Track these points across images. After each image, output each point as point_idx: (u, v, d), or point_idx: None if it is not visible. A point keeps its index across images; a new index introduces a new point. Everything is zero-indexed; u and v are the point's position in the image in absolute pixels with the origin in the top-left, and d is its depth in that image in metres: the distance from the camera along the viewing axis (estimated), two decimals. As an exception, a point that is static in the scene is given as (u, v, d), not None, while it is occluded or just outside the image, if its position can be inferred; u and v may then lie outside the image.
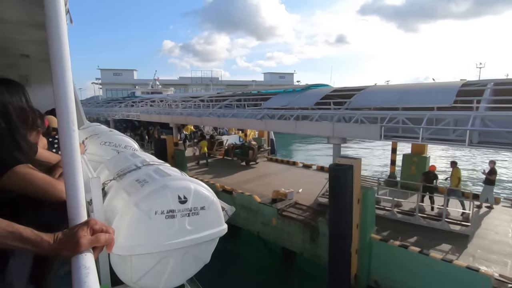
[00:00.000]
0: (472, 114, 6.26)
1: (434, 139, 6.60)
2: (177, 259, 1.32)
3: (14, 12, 1.65)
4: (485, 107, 6.50)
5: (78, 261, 0.71)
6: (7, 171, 1.01)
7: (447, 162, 20.95)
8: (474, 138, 5.86)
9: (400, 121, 7.01)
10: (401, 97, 8.47)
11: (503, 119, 5.70)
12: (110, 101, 36.88)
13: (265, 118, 10.77)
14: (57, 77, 0.81)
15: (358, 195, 6.90)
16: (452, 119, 6.63)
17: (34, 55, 2.97)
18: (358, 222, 6.97)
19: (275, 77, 73.31)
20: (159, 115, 18.62)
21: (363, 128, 7.64)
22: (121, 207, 1.25)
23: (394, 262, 6.76)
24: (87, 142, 2.72)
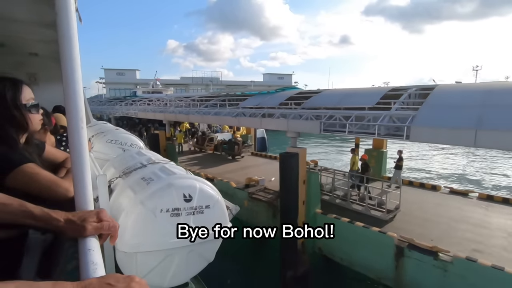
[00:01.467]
0: (384, 113, 7.79)
1: (358, 132, 8.06)
2: (182, 257, 1.38)
3: (24, 11, 1.75)
4: (396, 107, 8.06)
5: (85, 245, 0.78)
6: (13, 170, 1.08)
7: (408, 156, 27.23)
8: (381, 131, 7.43)
9: (337, 118, 8.35)
10: (342, 98, 10.37)
11: (404, 117, 7.17)
12: (112, 100, 39.42)
13: (239, 116, 12.45)
14: (67, 75, 0.85)
15: (304, 177, 8.59)
16: (372, 117, 8.03)
17: (43, 54, 3.01)
18: (304, 199, 8.69)
19: (274, 78, 76.00)
20: (154, 112, 20.87)
21: (308, 124, 9.10)
22: (127, 204, 1.32)
23: (336, 233, 8.13)
24: (93, 140, 2.75)
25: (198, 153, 21.07)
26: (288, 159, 8.80)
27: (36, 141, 1.42)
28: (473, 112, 6.51)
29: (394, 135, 7.69)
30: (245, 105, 14.10)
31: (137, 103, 26.87)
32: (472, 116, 6.38)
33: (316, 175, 9.64)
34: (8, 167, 1.07)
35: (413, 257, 6.84)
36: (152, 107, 22.91)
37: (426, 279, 6.67)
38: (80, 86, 0.90)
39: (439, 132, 6.50)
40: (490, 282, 5.76)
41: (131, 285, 0.62)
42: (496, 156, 29.00)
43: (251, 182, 11.76)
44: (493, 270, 5.93)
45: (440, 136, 6.57)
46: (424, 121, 7.00)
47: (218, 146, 20.02)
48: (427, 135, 6.79)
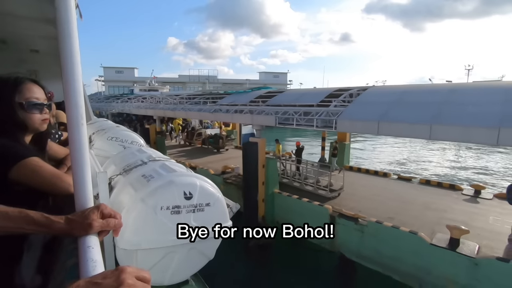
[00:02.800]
0: (323, 109, 9.54)
1: (304, 124, 9.69)
2: (182, 255, 1.36)
3: (25, 8, 1.71)
4: (335, 104, 9.92)
5: (85, 242, 0.79)
6: (17, 164, 1.07)
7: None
8: (319, 124, 9.16)
9: (290, 113, 10.07)
10: (298, 97, 12.48)
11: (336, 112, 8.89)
12: (109, 98, 40.49)
13: (216, 112, 14.35)
14: (66, 72, 0.85)
15: (263, 162, 10.24)
16: (315, 112, 9.63)
17: (44, 50, 2.97)
18: (264, 180, 10.26)
19: (269, 76, 72.84)
20: (145, 109, 22.84)
21: (267, 118, 10.90)
22: (127, 202, 1.30)
23: (288, 208, 10.08)
24: (94, 137, 2.73)
25: (187, 146, 22.66)
26: (250, 147, 10.64)
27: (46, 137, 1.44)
28: (382, 108, 8.27)
29: (327, 126, 9.29)
30: (223, 102, 15.99)
31: (132, 100, 28.32)
32: (380, 111, 8.13)
33: (274, 161, 11.12)
34: (12, 160, 1.06)
35: (341, 223, 8.44)
36: (144, 104, 24.57)
37: (350, 238, 8.27)
38: (80, 83, 0.90)
39: (354, 124, 8.37)
40: (391, 237, 7.35)
41: (120, 277, 0.58)
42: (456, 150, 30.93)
43: (227, 170, 13.44)
44: (392, 229, 7.66)
45: (355, 127, 8.49)
46: (347, 115, 8.76)
47: (205, 140, 21.64)
48: (347, 126, 8.78)
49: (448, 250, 6.71)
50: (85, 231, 0.83)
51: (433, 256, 6.96)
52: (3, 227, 0.79)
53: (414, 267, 7.28)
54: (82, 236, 0.83)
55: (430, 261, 7.01)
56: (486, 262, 6.25)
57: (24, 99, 1.18)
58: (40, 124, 1.27)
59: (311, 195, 10.77)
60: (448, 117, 7.10)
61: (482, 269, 6.28)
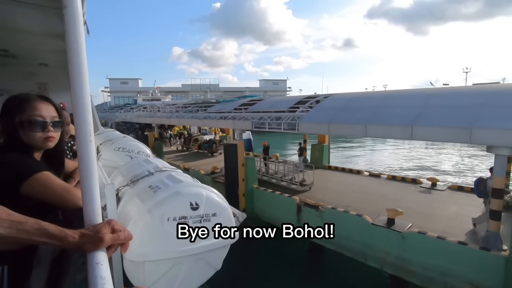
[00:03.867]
0: (290, 114, 10.78)
1: (275, 127, 11.02)
2: (189, 266, 1.35)
3: (35, 24, 1.71)
4: (301, 110, 11.22)
5: (94, 258, 0.81)
6: (28, 178, 1.09)
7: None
8: (285, 127, 10.41)
9: (265, 118, 11.46)
10: (273, 104, 14.01)
11: (300, 116, 10.23)
12: (114, 108, 42.11)
13: (205, 118, 15.97)
14: (75, 89, 0.87)
15: (242, 161, 11.36)
16: (284, 116, 10.90)
17: (52, 64, 2.98)
18: (243, 177, 11.35)
19: (269, 84, 72.19)
20: (145, 117, 24.64)
21: (245, 123, 12.21)
22: (135, 213, 1.30)
23: (264, 201, 11.17)
24: (101, 147, 2.70)
25: (185, 151, 23.85)
26: (230, 148, 11.92)
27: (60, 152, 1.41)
28: (333, 112, 9.67)
29: (292, 128, 10.51)
30: (211, 110, 17.33)
31: (134, 110, 30.20)
32: (331, 115, 9.47)
33: (252, 160, 12.22)
34: (24, 175, 1.08)
35: (306, 211, 9.39)
36: (144, 113, 26.27)
37: (312, 223, 9.30)
38: (88, 100, 0.91)
39: (311, 126, 9.77)
40: (342, 220, 8.38)
41: None
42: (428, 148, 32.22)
43: (215, 170, 14.81)
44: (343, 213, 8.61)
45: (312, 128, 9.87)
46: (307, 119, 10.05)
47: (201, 145, 23.13)
48: (306, 128, 10.02)
49: (385, 228, 7.67)
50: (96, 245, 0.85)
51: (373, 233, 7.89)
52: (17, 237, 0.78)
53: (360, 244, 8.19)
54: (92, 251, 0.84)
55: (371, 238, 7.93)
56: (410, 235, 7.18)
57: (27, 117, 1.16)
58: (43, 142, 1.23)
59: (286, 189, 11.76)
60: (380, 118, 8.37)
61: (407, 241, 7.21)
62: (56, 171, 1.31)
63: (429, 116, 7.26)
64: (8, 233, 0.78)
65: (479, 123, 6.20)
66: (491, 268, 6.07)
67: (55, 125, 1.28)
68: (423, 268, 7.12)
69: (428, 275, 7.07)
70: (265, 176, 13.65)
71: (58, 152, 1.38)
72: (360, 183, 12.80)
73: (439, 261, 6.87)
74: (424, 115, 7.33)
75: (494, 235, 6.42)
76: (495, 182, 6.33)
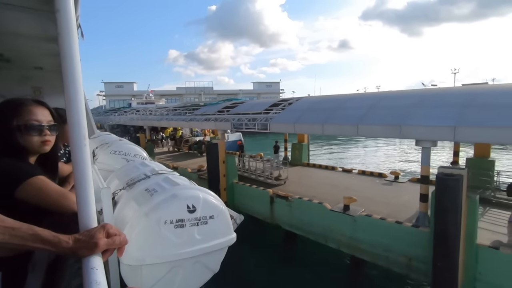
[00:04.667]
0: (264, 116, 11.61)
1: (251, 128, 11.99)
2: (187, 269, 1.32)
3: (28, 27, 1.65)
4: (274, 111, 12.14)
5: (89, 263, 0.79)
6: (23, 183, 1.06)
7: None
8: (259, 127, 11.35)
9: (243, 119, 12.38)
10: (251, 107, 14.68)
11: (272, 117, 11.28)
12: (108, 111, 41.76)
13: (191, 120, 16.96)
14: (69, 94, 0.85)
15: (223, 158, 11.99)
16: (259, 118, 11.77)
17: (47, 67, 2.89)
18: (224, 173, 11.99)
19: (262, 86, 70.86)
20: (137, 120, 25.46)
21: (225, 124, 13.20)
22: (131, 217, 1.27)
23: (243, 194, 11.95)
24: (97, 151, 2.61)
25: (176, 152, 24.33)
26: (212, 147, 12.65)
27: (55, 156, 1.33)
28: (299, 113, 10.77)
29: (265, 128, 11.36)
30: (197, 112, 17.97)
31: (127, 113, 30.61)
32: (297, 115, 10.59)
33: (232, 157, 12.93)
34: (18, 179, 1.05)
35: (277, 202, 9.97)
36: (137, 116, 26.85)
37: (283, 212, 10.00)
38: (82, 103, 0.88)
39: (279, 126, 10.83)
40: (307, 208, 9.18)
41: None
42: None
43: (201, 168, 15.39)
44: (307, 202, 9.21)
45: (280, 128, 10.93)
46: (277, 120, 11.08)
47: (191, 146, 23.75)
48: (276, 128, 10.96)
49: (341, 213, 8.39)
50: (91, 250, 0.82)
51: (332, 218, 8.60)
52: (10, 243, 0.76)
53: (321, 228, 8.84)
54: (87, 256, 0.81)
55: (330, 222, 8.63)
56: (360, 218, 7.84)
57: (23, 121, 1.14)
58: (40, 146, 1.20)
59: (263, 184, 12.49)
60: (335, 118, 9.39)
61: (358, 223, 7.89)
62: (51, 175, 1.25)
63: (372, 115, 8.12)
64: (1, 239, 0.74)
65: (408, 121, 7.36)
66: (419, 242, 6.80)
67: (51, 128, 1.23)
68: (370, 245, 7.78)
69: (374, 252, 7.67)
70: (246, 173, 14.17)
71: (53, 156, 1.32)
72: (331, 178, 13.06)
73: (382, 239, 7.45)
74: (369, 115, 8.27)
75: (423, 215, 7.55)
76: (422, 170, 7.50)
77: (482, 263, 6.26)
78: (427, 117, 6.98)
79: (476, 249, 6.25)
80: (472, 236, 6.19)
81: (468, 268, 6.26)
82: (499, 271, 6.03)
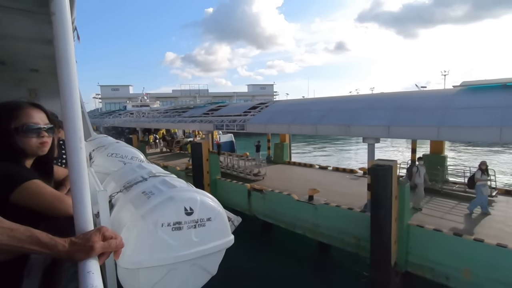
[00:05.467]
0: (242, 118, 12.38)
1: (231, 128, 13.00)
2: (185, 272, 1.31)
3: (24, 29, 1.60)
4: (252, 114, 12.89)
5: (85, 267, 0.78)
6: (18, 187, 1.04)
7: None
8: (237, 127, 12.30)
9: (224, 121, 13.28)
10: (233, 109, 15.15)
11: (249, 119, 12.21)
12: (103, 114, 40.91)
13: (180, 122, 17.69)
14: (64, 96, 0.84)
15: (206, 156, 12.54)
16: (238, 119, 12.73)
17: (43, 70, 2.81)
18: (208, 170, 12.63)
19: (256, 88, 68.81)
20: (130, 122, 25.26)
21: (208, 125, 14.06)
22: (128, 219, 1.25)
23: (224, 189, 12.72)
24: (94, 153, 2.52)
25: (168, 152, 24.53)
26: (196, 146, 13.21)
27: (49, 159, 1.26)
28: (271, 115, 11.81)
29: (242, 129, 12.21)
30: (185, 115, 18.36)
31: (122, 115, 30.54)
32: (269, 117, 11.71)
33: (215, 156, 13.32)
34: (13, 183, 1.02)
35: (254, 195, 10.44)
36: (130, 118, 27.14)
37: (258, 204, 10.64)
38: (78, 106, 0.85)
39: (254, 126, 11.67)
40: (278, 199, 9.98)
41: None
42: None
43: (189, 166, 15.61)
44: (278, 193, 9.74)
45: (255, 128, 11.71)
46: (252, 121, 11.85)
47: (182, 147, 24.08)
48: (251, 128, 11.72)
49: (305, 202, 8.97)
50: (86, 253, 0.79)
51: (298, 207, 9.22)
52: (8, 244, 0.73)
53: (290, 217, 9.40)
54: (83, 260, 0.78)
55: (297, 211, 9.22)
56: (320, 206, 8.37)
57: (21, 124, 1.11)
58: (38, 148, 1.16)
59: (243, 179, 13.05)
60: (300, 119, 10.28)
61: (318, 211, 8.47)
62: (46, 178, 1.18)
63: (329, 117, 9.30)
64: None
65: (355, 121, 8.66)
66: (365, 224, 7.32)
67: (49, 130, 1.18)
68: (328, 229, 8.39)
69: (331, 235, 8.25)
70: (229, 170, 14.69)
71: (48, 159, 1.25)
72: (307, 174, 13.02)
73: (337, 224, 8.00)
74: (327, 116, 9.38)
75: (369, 201, 8.88)
76: (368, 164, 8.82)
77: (412, 238, 6.99)
78: (370, 118, 8.27)
79: (407, 227, 7.44)
80: (403, 216, 7.12)
81: (401, 243, 7.19)
82: (425, 244, 6.84)
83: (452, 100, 7.27)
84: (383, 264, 7.06)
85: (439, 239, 6.81)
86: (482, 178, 7.88)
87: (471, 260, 6.26)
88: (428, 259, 6.99)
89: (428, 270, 7.08)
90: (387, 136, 7.06)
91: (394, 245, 7.04)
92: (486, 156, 25.06)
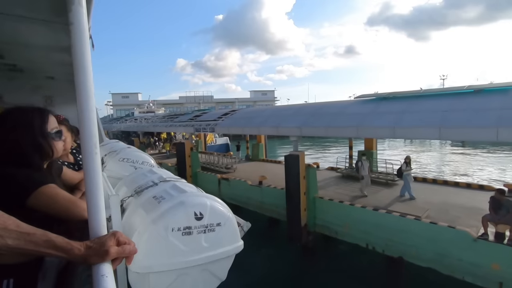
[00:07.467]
0: (215, 122, 15.52)
1: (206, 131, 16.17)
2: (194, 277, 1.33)
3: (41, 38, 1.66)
4: (222, 119, 15.71)
5: (99, 270, 0.84)
6: (34, 191, 1.08)
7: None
8: (209, 130, 15.97)
9: (202, 125, 16.46)
10: (210, 115, 17.68)
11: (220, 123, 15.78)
12: (112, 119, 41.64)
13: (171, 126, 20.56)
14: (81, 102, 0.87)
15: (189, 153, 15.22)
16: (213, 124, 15.68)
17: (58, 77, 2.82)
18: (190, 165, 15.29)
19: (258, 94, 62.53)
20: (133, 127, 27.02)
21: (190, 128, 17.50)
22: (139, 224, 1.26)
23: (202, 179, 15.49)
24: (106, 158, 2.53)
25: (164, 153, 25.95)
26: (180, 145, 15.29)
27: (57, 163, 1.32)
28: (236, 120, 14.71)
29: (213, 130, 14.70)
30: (176, 120, 19.63)
31: (127, 121, 30.69)
32: (234, 122, 14.68)
33: (196, 153, 14.71)
34: (30, 188, 1.05)
35: (222, 183, 12.45)
36: (133, 123, 27.79)
37: (225, 190, 13.33)
38: (93, 112, 0.90)
39: (220, 129, 14.96)
40: (240, 186, 12.85)
41: None
42: None
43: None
44: (240, 181, 12.06)
45: (221, 130, 15.06)
46: (220, 124, 14.79)
47: None
48: (219, 129, 14.79)
49: (255, 186, 10.32)
50: (101, 257, 0.82)
51: (251, 191, 10.52)
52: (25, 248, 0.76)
53: (245, 198, 10.60)
54: (97, 263, 0.83)
55: (250, 194, 10.65)
56: (264, 189, 9.71)
57: (51, 128, 1.16)
58: (61, 151, 1.25)
59: (218, 172, 14.40)
60: (269, 121, 11.50)
61: (263, 192, 10.00)
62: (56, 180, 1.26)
63: (287, 120, 10.30)
64: (16, 244, 0.74)
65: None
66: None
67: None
68: (269, 205, 9.54)
69: (270, 209, 9.54)
70: (209, 165, 16.51)
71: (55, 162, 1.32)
72: (271, 168, 14.19)
73: (273, 200, 9.35)
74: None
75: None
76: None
77: (318, 208, 9.73)
78: (290, 121, 11.43)
79: (313, 199, 10.66)
80: (311, 191, 8.80)
81: (310, 212, 9.78)
82: (325, 210, 8.53)
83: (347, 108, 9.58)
84: (295, 225, 9.19)
85: (333, 206, 9.10)
86: (407, 169, 9.68)
87: (349, 218, 8.66)
88: (327, 221, 9.04)
89: (326, 228, 9.08)
90: (300, 134, 10.34)
91: (304, 211, 8.95)
92: (411, 152, 28.38)
